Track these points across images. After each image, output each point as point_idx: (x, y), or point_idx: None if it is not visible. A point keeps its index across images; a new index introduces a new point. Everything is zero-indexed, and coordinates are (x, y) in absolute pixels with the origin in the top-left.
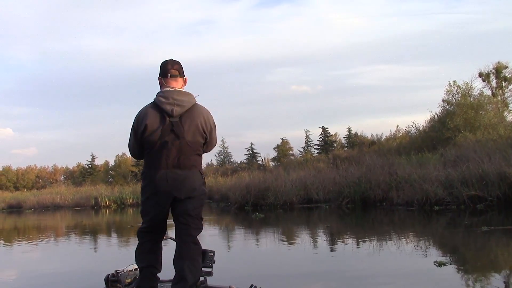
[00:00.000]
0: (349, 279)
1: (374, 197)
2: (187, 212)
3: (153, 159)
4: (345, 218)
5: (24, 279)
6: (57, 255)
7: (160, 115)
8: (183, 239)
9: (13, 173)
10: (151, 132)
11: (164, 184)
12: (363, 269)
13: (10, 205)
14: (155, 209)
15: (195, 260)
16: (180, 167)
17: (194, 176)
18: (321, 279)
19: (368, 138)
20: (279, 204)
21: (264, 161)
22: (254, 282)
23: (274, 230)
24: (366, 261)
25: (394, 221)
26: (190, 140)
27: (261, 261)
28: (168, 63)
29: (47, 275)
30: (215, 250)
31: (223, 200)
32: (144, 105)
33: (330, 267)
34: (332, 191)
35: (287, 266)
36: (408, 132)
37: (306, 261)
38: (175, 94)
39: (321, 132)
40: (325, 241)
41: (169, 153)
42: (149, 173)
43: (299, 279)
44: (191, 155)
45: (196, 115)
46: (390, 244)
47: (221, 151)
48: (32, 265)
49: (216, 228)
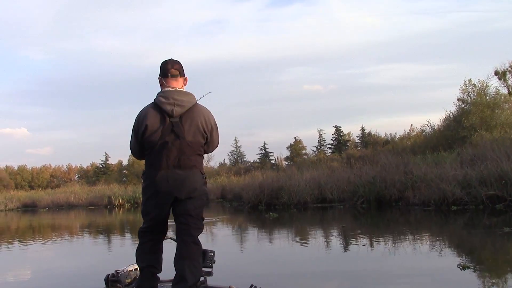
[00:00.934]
0: (365, 278)
1: (389, 196)
2: (188, 212)
3: (153, 159)
4: (360, 218)
5: (24, 279)
6: (62, 254)
7: (160, 115)
8: (183, 239)
9: (28, 172)
10: (152, 133)
11: (165, 184)
12: (380, 270)
13: (25, 204)
14: (155, 209)
15: (196, 260)
16: (180, 167)
17: (195, 176)
18: (336, 278)
19: (381, 137)
20: (292, 204)
21: (277, 161)
22: (269, 282)
23: (288, 230)
24: (383, 262)
25: (411, 221)
26: (190, 140)
27: (276, 261)
28: (168, 63)
29: (49, 275)
30: (216, 250)
31: (236, 199)
32: (145, 105)
33: (345, 267)
34: (346, 190)
35: (303, 266)
36: (422, 131)
37: (321, 261)
38: (175, 94)
39: (334, 131)
40: (341, 242)
41: (170, 153)
42: (150, 173)
43: (312, 279)
44: (192, 155)
45: (196, 115)
46: (408, 245)
47: (234, 150)
48: (34, 264)
49: (229, 228)
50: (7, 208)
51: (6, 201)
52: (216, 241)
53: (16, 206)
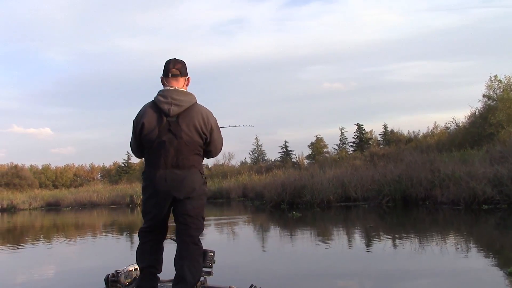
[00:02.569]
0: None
1: (415, 195)
2: (187, 212)
3: (152, 159)
4: (387, 218)
5: (24, 278)
6: (72, 253)
7: (158, 114)
8: (183, 239)
9: (52, 171)
10: (149, 131)
11: (163, 184)
12: (413, 271)
13: (48, 203)
14: (155, 209)
15: (195, 260)
16: (179, 167)
17: (193, 176)
18: (364, 280)
19: (404, 135)
20: (315, 203)
21: (298, 159)
22: (291, 284)
23: (312, 230)
24: (420, 264)
25: (441, 221)
26: (187, 140)
27: (303, 262)
28: (170, 62)
29: (50, 274)
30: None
31: (258, 198)
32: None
33: (374, 268)
34: (371, 189)
35: (333, 266)
36: (447, 129)
37: (352, 261)
38: (174, 94)
39: (356, 129)
40: (370, 242)
41: (167, 152)
42: (149, 172)
43: (339, 278)
44: (190, 155)
45: (194, 114)
46: (443, 245)
47: (255, 149)
48: (36, 264)
49: (252, 227)
50: (31, 207)
51: (30, 200)
52: (241, 240)
53: (40, 205)
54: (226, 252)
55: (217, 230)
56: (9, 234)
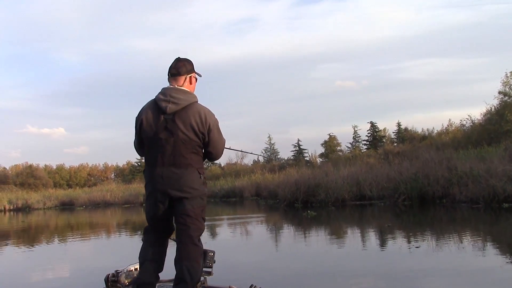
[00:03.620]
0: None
1: (432, 193)
2: (186, 212)
3: (150, 156)
4: (404, 216)
5: (25, 278)
6: (77, 252)
7: (156, 112)
8: (182, 240)
9: (66, 171)
10: (147, 128)
11: (160, 182)
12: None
13: (62, 202)
14: (153, 208)
15: (195, 261)
16: (175, 165)
17: (190, 175)
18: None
19: (418, 133)
20: (330, 201)
21: (311, 158)
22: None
23: (329, 229)
24: (441, 263)
25: (460, 220)
26: (184, 138)
27: (318, 262)
28: (173, 61)
29: (52, 274)
30: (215, 250)
31: (271, 197)
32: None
33: (396, 269)
34: (386, 187)
35: (356, 266)
36: (462, 126)
37: (364, 261)
38: (173, 92)
39: (370, 127)
40: (390, 242)
41: (164, 150)
42: (147, 170)
43: (353, 278)
44: (187, 153)
45: (191, 113)
46: (465, 244)
47: (268, 147)
48: (38, 263)
49: (264, 226)
50: (45, 206)
51: (44, 199)
52: (254, 239)
53: (54, 204)
54: (235, 252)
55: (230, 229)
56: (20, 233)
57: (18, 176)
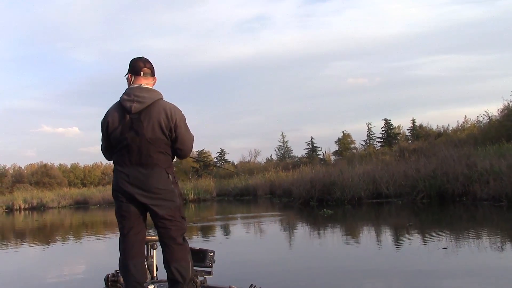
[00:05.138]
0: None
1: (452, 191)
2: (163, 216)
3: (117, 157)
4: (423, 214)
5: (25, 277)
6: (80, 252)
7: (122, 112)
8: (165, 242)
9: (80, 170)
10: (113, 129)
11: (126, 182)
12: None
13: (77, 201)
14: (121, 210)
15: (182, 260)
16: (142, 165)
17: (157, 175)
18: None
19: (433, 130)
20: (346, 200)
21: (325, 155)
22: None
23: (347, 228)
24: (469, 263)
25: (483, 218)
26: (150, 137)
27: (333, 261)
28: (140, 60)
29: (52, 274)
30: (216, 250)
31: (286, 195)
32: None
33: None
34: (403, 185)
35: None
36: (479, 122)
37: (376, 260)
38: (137, 91)
39: (384, 125)
40: (415, 242)
41: (131, 150)
42: (115, 171)
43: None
44: (154, 153)
45: (156, 111)
46: (490, 243)
47: (281, 145)
48: (39, 263)
49: (282, 226)
50: (60, 205)
51: (59, 198)
52: (269, 239)
53: (68, 203)
54: (250, 251)
55: (244, 228)
56: (30, 233)
57: (33, 175)
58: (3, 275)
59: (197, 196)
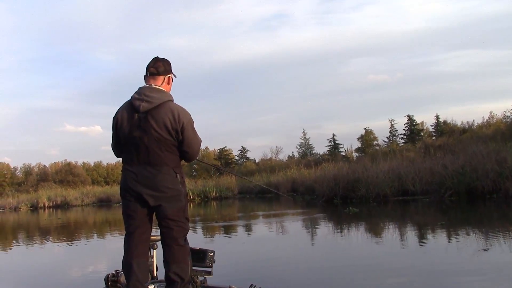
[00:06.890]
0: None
1: (482, 188)
2: (168, 216)
3: (126, 155)
4: (453, 212)
5: (25, 277)
6: (84, 251)
7: (131, 111)
8: (166, 242)
9: (103, 168)
10: (121, 127)
11: (134, 181)
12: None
13: (100, 199)
14: (128, 209)
15: (182, 262)
16: (150, 163)
17: (165, 174)
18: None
19: (458, 126)
20: (371, 197)
21: (347, 152)
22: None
23: (380, 228)
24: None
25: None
26: (157, 137)
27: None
28: (151, 61)
29: (53, 274)
30: (216, 250)
31: (309, 192)
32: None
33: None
34: (430, 182)
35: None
36: (506, 118)
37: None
38: (148, 91)
39: (407, 121)
40: (457, 244)
41: (139, 148)
42: (124, 170)
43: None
44: (162, 151)
45: (164, 112)
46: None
47: (303, 143)
48: (41, 263)
49: (307, 224)
50: (83, 203)
51: (82, 196)
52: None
53: (91, 201)
54: (276, 253)
55: (267, 226)
56: (50, 231)
57: (57, 174)
58: (17, 273)
59: (219, 194)
